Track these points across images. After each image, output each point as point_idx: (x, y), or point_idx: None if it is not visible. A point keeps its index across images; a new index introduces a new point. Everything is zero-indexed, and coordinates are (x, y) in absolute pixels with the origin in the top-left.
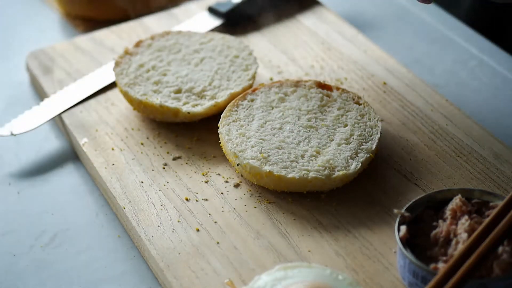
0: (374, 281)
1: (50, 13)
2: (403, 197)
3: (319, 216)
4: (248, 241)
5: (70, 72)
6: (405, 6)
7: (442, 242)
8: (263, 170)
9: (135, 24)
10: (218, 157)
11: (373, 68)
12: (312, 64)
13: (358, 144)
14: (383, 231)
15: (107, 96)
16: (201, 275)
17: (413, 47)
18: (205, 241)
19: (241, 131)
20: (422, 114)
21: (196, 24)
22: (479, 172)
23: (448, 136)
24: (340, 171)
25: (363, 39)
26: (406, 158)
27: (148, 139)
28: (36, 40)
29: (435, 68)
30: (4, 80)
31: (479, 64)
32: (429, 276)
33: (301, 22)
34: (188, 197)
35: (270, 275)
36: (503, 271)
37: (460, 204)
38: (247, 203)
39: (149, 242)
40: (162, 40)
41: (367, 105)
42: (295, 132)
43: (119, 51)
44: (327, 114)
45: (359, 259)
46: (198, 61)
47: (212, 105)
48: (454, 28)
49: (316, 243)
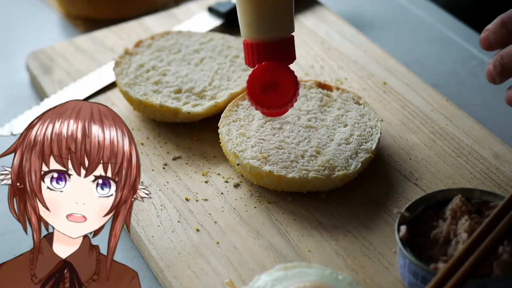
0: (374, 281)
1: (50, 13)
2: (403, 197)
3: (319, 216)
4: (248, 241)
5: (70, 72)
6: (405, 6)
7: (442, 242)
8: (263, 170)
9: (135, 24)
10: (218, 157)
11: (373, 68)
12: (312, 64)
13: (358, 144)
14: (383, 231)
15: (107, 96)
16: (201, 275)
17: (413, 47)
18: (205, 241)
19: (241, 131)
20: (422, 114)
21: (196, 24)
22: (479, 172)
23: (448, 136)
24: (340, 171)
25: (363, 39)
26: (406, 158)
27: (148, 139)
28: (36, 40)
29: (435, 68)
30: (4, 80)
31: (479, 64)
32: (429, 276)
33: (301, 22)
34: (188, 197)
35: (270, 275)
36: (503, 271)
37: (460, 204)
38: (247, 203)
39: (149, 242)
40: (162, 40)
41: (367, 105)
42: (295, 132)
43: (119, 51)
44: (327, 114)
45: (359, 259)
46: (198, 61)
47: (212, 105)
48: (454, 28)
49: (316, 243)
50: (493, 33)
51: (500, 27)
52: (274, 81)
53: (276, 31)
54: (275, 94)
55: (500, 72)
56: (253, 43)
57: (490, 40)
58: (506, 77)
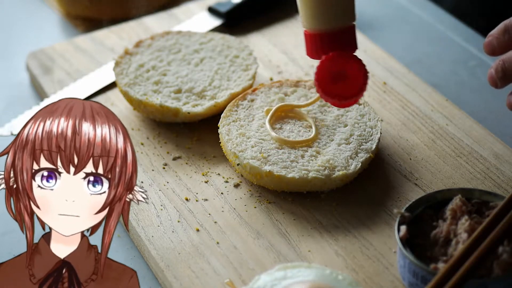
0: (374, 281)
1: (50, 13)
2: (403, 197)
3: (319, 216)
4: (248, 241)
5: (70, 72)
6: (405, 6)
7: (442, 242)
8: (263, 170)
9: (135, 24)
10: (218, 157)
11: (373, 68)
12: (312, 64)
13: (358, 144)
14: (383, 231)
15: (107, 96)
16: (201, 275)
17: (413, 47)
18: (205, 241)
19: (241, 131)
20: (422, 114)
21: (196, 24)
22: (479, 172)
23: (448, 136)
24: (340, 171)
25: (363, 39)
26: (406, 158)
27: (148, 139)
28: (36, 40)
29: (435, 68)
30: (4, 80)
31: (479, 64)
32: (429, 276)
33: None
34: (188, 197)
35: (270, 275)
36: (503, 271)
37: (460, 204)
38: (247, 203)
39: (149, 242)
40: (162, 40)
41: (367, 105)
42: (295, 132)
43: (119, 51)
44: (327, 114)
45: (359, 259)
46: (198, 61)
47: (212, 105)
48: (454, 28)
49: (316, 243)
50: (496, 39)
51: (503, 33)
52: (343, 71)
53: (339, 20)
54: (345, 84)
55: (502, 77)
56: (316, 34)
57: (494, 46)
58: (508, 81)
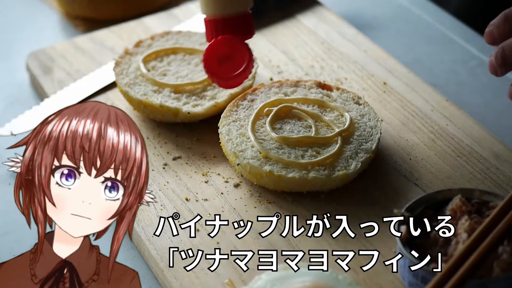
0: (374, 281)
1: (50, 13)
2: (403, 197)
3: (319, 216)
4: (248, 241)
5: (70, 72)
6: (405, 6)
7: (442, 242)
8: (263, 170)
9: (135, 24)
10: (218, 157)
11: (373, 68)
12: (312, 64)
13: (358, 144)
14: (383, 231)
15: (107, 96)
16: (201, 275)
17: (413, 47)
18: (205, 241)
19: (241, 131)
20: (422, 114)
21: (196, 24)
22: (479, 172)
23: (448, 136)
24: (340, 171)
25: (363, 39)
26: (406, 158)
27: (148, 139)
28: (36, 40)
29: (435, 68)
30: (4, 80)
31: (479, 64)
32: (429, 276)
33: (301, 22)
34: (188, 197)
35: (270, 275)
36: (503, 271)
37: (460, 204)
38: (247, 203)
39: (149, 242)
40: (162, 40)
41: (367, 105)
42: (295, 132)
43: (119, 51)
44: (327, 114)
45: (359, 259)
46: (198, 61)
47: (212, 105)
48: (454, 28)
49: (316, 243)
50: (496, 28)
51: (503, 22)
52: (229, 54)
53: (231, 7)
54: (230, 66)
55: (502, 64)
56: (211, 20)
57: (494, 35)
58: (508, 68)
